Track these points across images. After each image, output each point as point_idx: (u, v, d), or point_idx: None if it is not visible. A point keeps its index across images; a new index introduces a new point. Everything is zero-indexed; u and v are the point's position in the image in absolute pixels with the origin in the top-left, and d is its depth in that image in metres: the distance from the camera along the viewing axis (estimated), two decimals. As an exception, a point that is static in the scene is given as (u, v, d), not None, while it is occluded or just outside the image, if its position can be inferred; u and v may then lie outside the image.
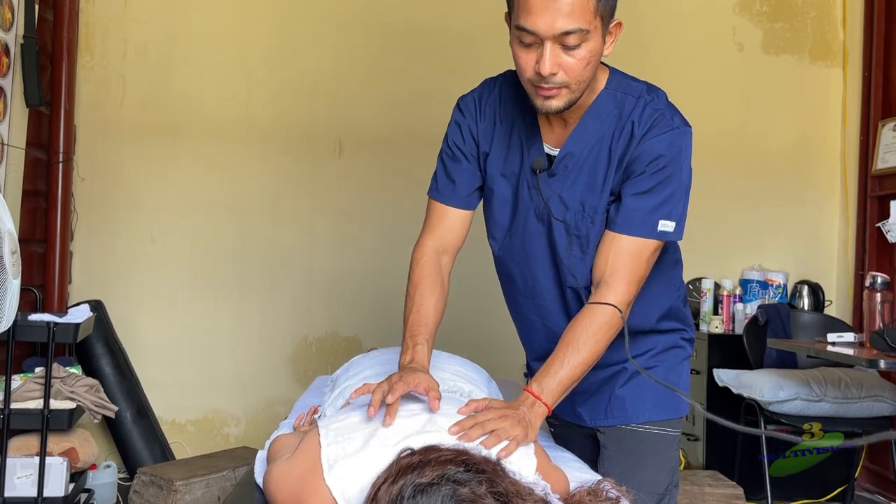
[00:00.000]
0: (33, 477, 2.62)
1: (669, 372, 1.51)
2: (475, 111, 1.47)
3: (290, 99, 3.67)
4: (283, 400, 3.57)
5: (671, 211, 1.33)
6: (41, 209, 3.36)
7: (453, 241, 1.50)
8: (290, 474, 1.14)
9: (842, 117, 3.88)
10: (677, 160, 1.33)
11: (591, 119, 1.37)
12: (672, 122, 1.34)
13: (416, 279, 1.45)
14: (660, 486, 1.48)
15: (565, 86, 1.27)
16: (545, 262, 1.45)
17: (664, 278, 1.49)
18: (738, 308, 3.58)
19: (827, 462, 3.38)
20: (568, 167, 1.39)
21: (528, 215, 1.45)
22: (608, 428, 1.51)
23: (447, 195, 1.48)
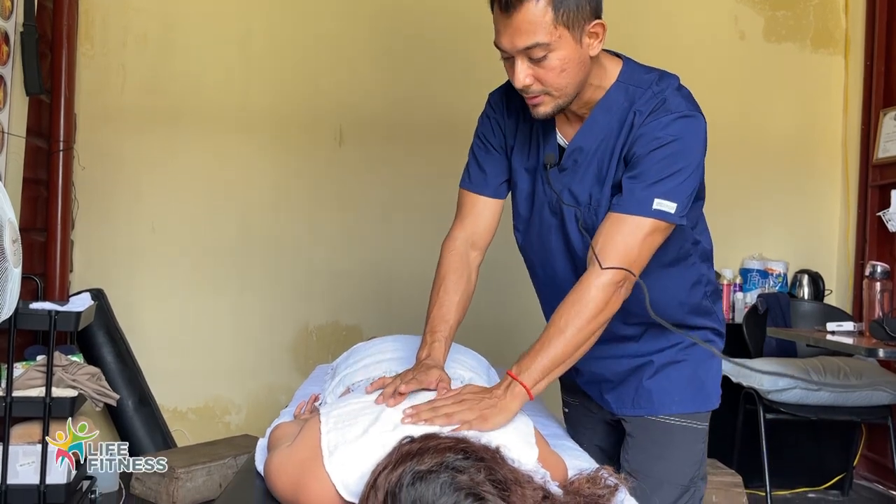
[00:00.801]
0: (35, 464, 2.63)
1: (698, 366, 1.50)
2: (502, 107, 1.50)
3: (291, 88, 3.66)
4: (285, 388, 3.58)
5: (670, 191, 1.29)
6: (42, 198, 3.36)
7: (483, 232, 1.52)
8: (291, 461, 1.15)
9: (843, 106, 3.87)
10: (676, 144, 1.30)
11: (601, 113, 1.37)
12: (675, 107, 1.32)
13: (442, 272, 1.48)
14: (684, 478, 1.49)
15: (546, 93, 1.30)
16: (561, 253, 1.47)
17: (691, 272, 1.48)
18: (738, 297, 3.58)
19: (825, 450, 3.39)
20: (577, 161, 1.40)
21: (544, 209, 1.47)
22: (634, 417, 1.52)
23: (478, 184, 1.52)
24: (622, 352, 1.49)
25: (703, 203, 1.49)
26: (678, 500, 1.47)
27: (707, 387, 1.51)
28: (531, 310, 1.77)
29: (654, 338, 1.47)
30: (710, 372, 1.52)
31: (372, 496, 0.94)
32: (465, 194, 1.54)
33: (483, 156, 1.52)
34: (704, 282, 1.52)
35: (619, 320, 1.44)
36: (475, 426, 1.13)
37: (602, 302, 1.27)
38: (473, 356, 1.61)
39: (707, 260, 1.53)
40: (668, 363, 1.49)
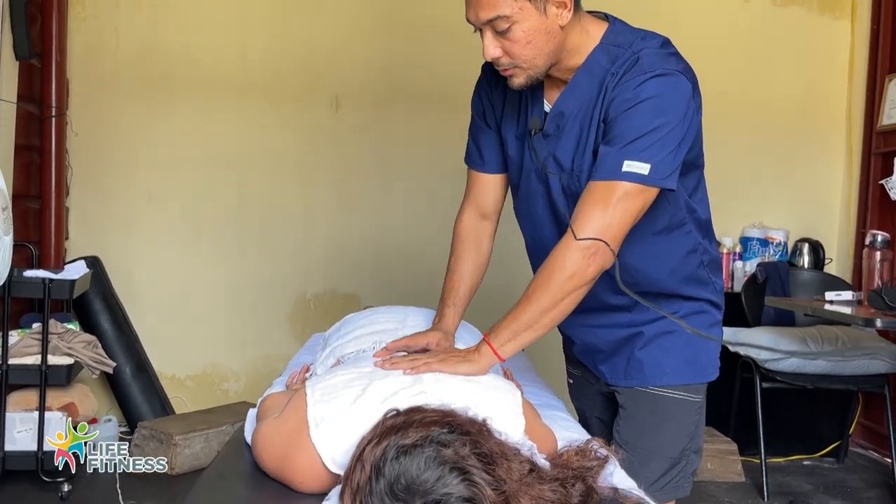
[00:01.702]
0: (33, 431, 2.65)
1: (692, 337, 1.47)
2: (491, 76, 1.49)
3: (287, 53, 3.61)
4: (282, 356, 3.58)
5: (642, 152, 1.24)
6: (35, 164, 3.33)
7: (491, 204, 1.57)
8: (278, 432, 1.14)
9: (848, 71, 3.81)
10: (649, 103, 1.25)
11: (583, 76, 1.34)
12: (650, 66, 1.27)
13: (453, 247, 1.56)
14: (674, 450, 1.47)
15: (516, 66, 1.31)
16: (548, 220, 1.45)
17: (685, 241, 1.45)
18: (737, 266, 3.57)
19: (821, 418, 3.40)
20: (559, 126, 1.37)
21: (531, 176, 1.45)
22: (626, 388, 1.50)
23: (477, 162, 1.55)
24: (613, 321, 1.47)
25: (702, 171, 1.45)
26: (668, 473, 1.46)
27: (701, 358, 1.49)
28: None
29: (647, 308, 1.45)
30: (705, 344, 1.49)
31: (358, 469, 0.93)
32: (469, 171, 1.58)
33: (477, 133, 1.54)
34: (701, 251, 1.48)
35: (608, 290, 1.43)
36: (435, 367, 1.21)
37: (571, 269, 1.25)
38: (469, 330, 1.59)
39: (704, 229, 1.49)
40: (660, 334, 1.47)
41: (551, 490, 0.97)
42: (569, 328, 1.55)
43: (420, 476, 0.88)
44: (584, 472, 1.05)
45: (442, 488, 0.88)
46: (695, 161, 1.39)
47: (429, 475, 0.88)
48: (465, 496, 0.88)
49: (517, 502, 0.92)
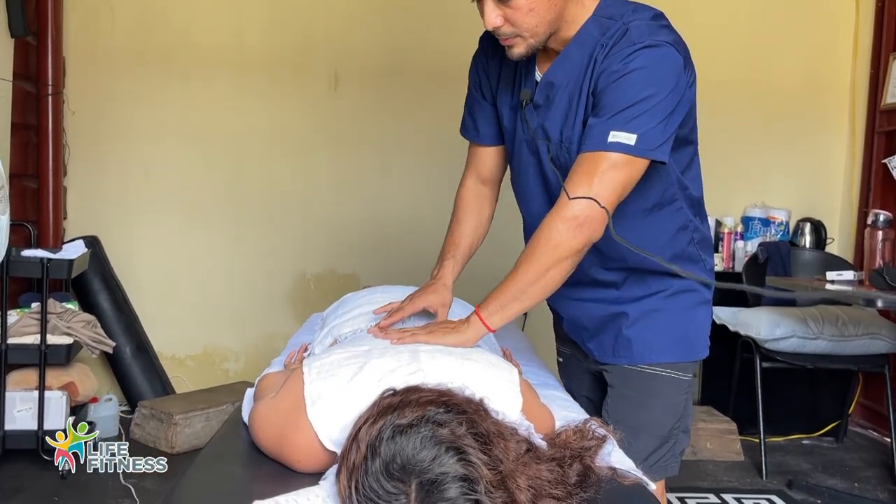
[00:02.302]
0: (33, 410, 2.65)
1: (681, 315, 1.47)
2: (488, 46, 1.48)
3: (284, 29, 3.57)
4: (282, 336, 3.58)
5: (628, 123, 1.23)
6: (32, 143, 3.31)
7: (491, 172, 1.58)
8: (275, 411, 1.14)
9: (853, 49, 3.76)
10: (636, 74, 1.23)
11: (574, 48, 1.33)
12: (639, 37, 1.25)
13: (454, 209, 1.57)
14: (663, 429, 1.47)
15: (517, 35, 1.29)
16: (539, 191, 1.44)
17: (676, 218, 1.43)
18: (738, 246, 3.55)
19: (821, 398, 3.41)
20: (549, 97, 1.36)
21: (523, 147, 1.44)
22: (615, 367, 1.50)
23: (472, 134, 1.56)
24: (600, 296, 1.46)
25: (696, 147, 1.43)
26: (656, 451, 1.45)
27: (691, 337, 1.48)
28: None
29: (636, 285, 1.45)
30: (695, 322, 1.49)
31: (353, 449, 0.93)
32: (468, 143, 1.58)
33: (473, 105, 1.54)
34: (692, 228, 1.46)
35: (596, 264, 1.43)
36: (421, 339, 1.23)
37: (556, 239, 1.24)
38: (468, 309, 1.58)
39: (695, 207, 1.47)
40: (648, 311, 1.46)
41: (548, 470, 0.97)
42: (556, 300, 1.55)
43: (416, 456, 0.87)
44: (582, 452, 1.05)
45: (438, 468, 0.87)
46: (688, 137, 1.37)
47: (425, 455, 0.87)
48: (462, 476, 0.87)
49: (514, 482, 0.91)
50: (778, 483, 2.88)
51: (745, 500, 2.70)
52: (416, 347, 1.18)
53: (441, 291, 1.43)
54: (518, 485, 0.92)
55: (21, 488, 2.53)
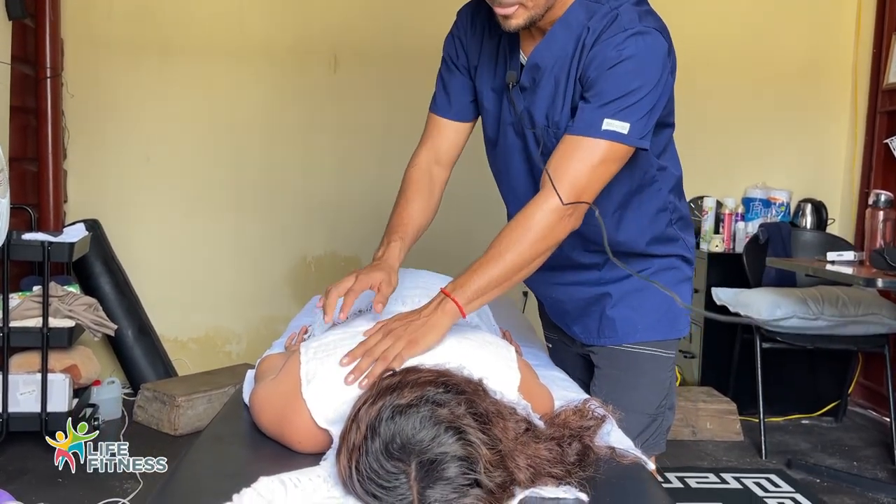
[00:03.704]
0: (36, 393, 2.67)
1: (664, 294, 1.48)
2: (467, 23, 1.45)
3: (284, 12, 3.55)
4: (284, 318, 3.59)
5: (621, 111, 1.22)
6: (31, 127, 3.30)
7: (447, 152, 1.50)
8: (275, 393, 1.14)
9: (855, 29, 3.74)
10: (629, 61, 1.23)
11: (560, 30, 1.31)
12: (628, 23, 1.24)
13: (403, 185, 1.48)
14: (650, 407, 1.48)
15: (520, 4, 1.23)
16: (524, 175, 1.43)
17: (655, 200, 1.44)
18: (739, 227, 3.55)
19: (821, 378, 3.42)
20: (535, 80, 1.34)
21: (508, 130, 1.42)
22: (600, 347, 1.51)
23: (442, 107, 1.49)
24: (582, 279, 1.45)
25: (673, 130, 1.43)
26: (646, 430, 1.47)
27: (672, 314, 1.49)
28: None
29: (615, 266, 1.44)
30: (680, 299, 1.49)
31: (353, 429, 0.93)
32: (430, 117, 1.51)
33: (447, 77, 1.48)
34: (671, 209, 1.47)
35: (578, 248, 1.43)
36: (407, 355, 1.09)
37: (546, 228, 1.22)
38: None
39: (675, 188, 1.48)
40: (631, 291, 1.47)
41: (547, 449, 0.98)
42: (537, 286, 1.54)
43: (415, 436, 0.88)
44: (581, 432, 1.06)
45: (437, 448, 0.88)
46: (665, 120, 1.37)
47: (424, 434, 0.88)
48: (461, 455, 0.88)
49: (513, 461, 0.92)
50: (777, 462, 2.89)
51: (744, 479, 2.72)
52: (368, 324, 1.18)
53: (386, 271, 1.30)
54: (517, 464, 0.93)
55: (25, 470, 2.55)
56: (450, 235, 3.55)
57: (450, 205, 1.68)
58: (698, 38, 3.61)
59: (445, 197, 1.54)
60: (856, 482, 2.69)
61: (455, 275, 1.47)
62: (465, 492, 0.87)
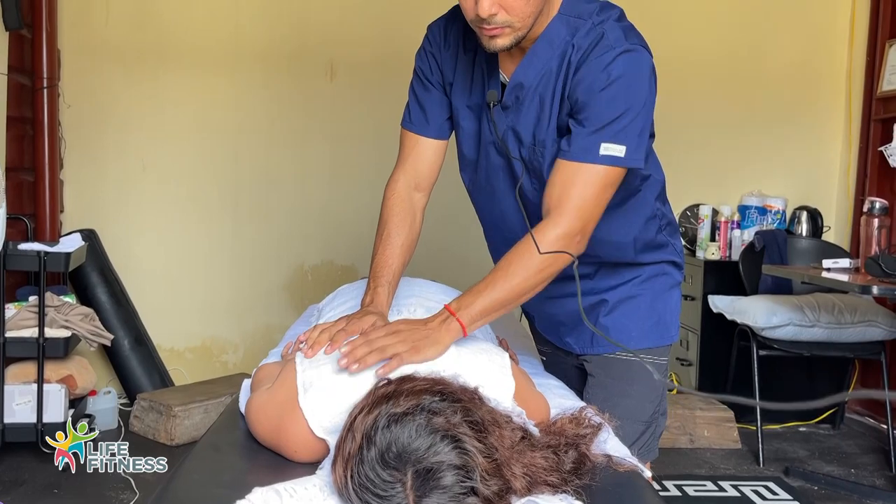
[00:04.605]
0: (32, 403, 2.66)
1: (656, 299, 1.49)
2: (440, 39, 1.43)
3: (280, 20, 3.56)
4: (281, 327, 3.59)
5: (617, 134, 1.24)
6: (28, 137, 3.30)
7: (427, 174, 1.46)
8: (271, 402, 1.14)
9: (849, 37, 3.76)
10: (620, 82, 1.23)
11: (542, 47, 1.30)
12: (614, 42, 1.24)
13: (385, 216, 1.43)
14: (645, 414, 1.48)
15: (508, 25, 1.22)
16: (509, 194, 1.41)
17: (643, 209, 1.45)
18: (735, 234, 3.56)
19: (818, 385, 3.42)
20: (519, 98, 1.33)
21: (490, 149, 1.41)
22: (594, 356, 1.51)
23: (419, 124, 1.46)
24: (574, 290, 1.42)
25: (654, 140, 1.44)
26: (641, 437, 1.47)
27: (665, 320, 1.50)
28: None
29: (608, 275, 1.46)
30: (668, 305, 1.51)
31: (349, 438, 0.93)
32: (405, 135, 1.47)
33: (422, 93, 1.45)
34: (659, 216, 1.49)
35: None
36: (407, 359, 1.09)
37: (556, 254, 1.24)
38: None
39: (660, 194, 1.49)
40: (623, 299, 1.48)
41: (543, 457, 0.98)
42: (530, 303, 1.53)
43: (411, 444, 0.88)
44: (578, 440, 1.06)
45: (433, 456, 0.88)
46: (651, 131, 1.38)
47: (420, 443, 0.88)
48: (457, 464, 0.88)
49: (509, 470, 0.92)
50: (775, 470, 2.89)
51: (742, 487, 2.71)
52: None
53: (377, 314, 1.26)
54: (513, 472, 0.93)
55: (20, 481, 2.54)
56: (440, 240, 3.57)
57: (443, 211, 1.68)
58: (693, 47, 3.63)
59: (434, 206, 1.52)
60: (853, 489, 2.69)
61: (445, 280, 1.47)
62: (462, 500, 0.87)
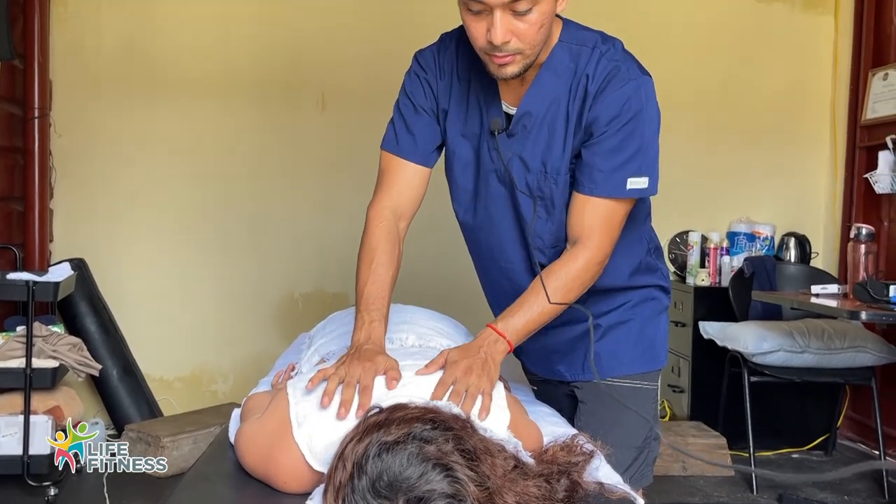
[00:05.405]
0: (18, 435, 2.62)
1: (646, 325, 1.50)
2: (434, 67, 1.42)
3: (272, 51, 3.59)
4: (271, 356, 3.55)
5: (640, 167, 1.30)
6: (18, 166, 3.30)
7: (411, 202, 1.43)
8: (262, 432, 1.13)
9: (832, 66, 3.83)
10: (640, 114, 1.28)
11: (547, 75, 1.32)
12: (629, 73, 1.28)
13: (372, 244, 1.38)
14: (637, 440, 1.48)
15: (519, 52, 1.23)
16: (510, 224, 1.42)
17: (634, 234, 1.47)
18: (724, 261, 3.58)
19: (810, 412, 3.42)
20: (526, 126, 1.35)
21: (490, 178, 1.41)
22: (585, 383, 1.51)
23: (407, 149, 1.42)
24: (568, 317, 1.45)
25: None
26: (633, 463, 1.46)
27: (655, 346, 1.52)
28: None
29: (599, 300, 1.47)
30: (657, 330, 1.52)
31: (340, 467, 0.93)
32: (390, 158, 1.42)
33: (412, 118, 1.41)
34: (646, 239, 1.51)
35: None
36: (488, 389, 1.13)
37: (589, 279, 1.33)
38: (453, 324, 1.58)
39: (647, 217, 1.52)
40: (614, 325, 1.49)
41: (536, 486, 0.97)
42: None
43: (403, 473, 0.87)
44: (570, 468, 1.05)
45: (425, 485, 0.87)
46: None
47: (412, 472, 0.87)
48: (449, 493, 0.87)
49: (501, 499, 0.91)
50: (768, 497, 2.87)
51: (735, 515, 2.69)
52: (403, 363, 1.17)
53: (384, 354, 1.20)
54: (505, 501, 0.92)
55: (6, 514, 2.50)
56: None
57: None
58: (683, 76, 3.68)
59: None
60: (847, 516, 2.68)
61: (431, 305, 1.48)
62: (454, 529, 0.87)
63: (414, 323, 1.43)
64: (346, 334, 1.44)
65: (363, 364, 1.13)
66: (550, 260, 1.37)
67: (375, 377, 1.11)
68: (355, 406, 1.06)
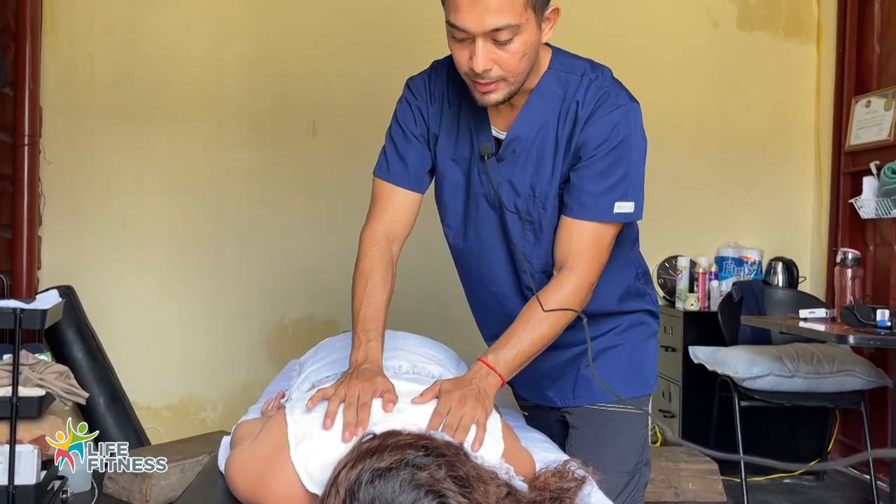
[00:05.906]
0: (3, 465, 2.58)
1: (635, 350, 1.51)
2: (425, 93, 1.45)
3: (263, 79, 3.61)
4: (261, 384, 3.53)
5: (627, 191, 1.31)
6: (7, 193, 3.29)
7: (403, 228, 1.46)
8: (254, 458, 1.12)
9: (816, 94, 3.89)
10: (627, 139, 1.30)
11: (536, 101, 1.35)
12: (618, 99, 1.31)
13: (367, 268, 1.40)
14: (629, 465, 1.48)
15: (502, 79, 1.25)
16: (499, 248, 1.44)
17: (622, 259, 1.48)
18: (713, 285, 3.60)
19: (800, 436, 3.42)
20: (516, 151, 1.37)
21: (480, 202, 1.43)
22: (576, 408, 1.51)
23: (398, 175, 1.45)
24: (557, 342, 1.45)
25: None
26: (625, 489, 1.46)
27: (645, 371, 1.52)
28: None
29: (590, 326, 1.47)
30: (647, 355, 1.53)
31: (332, 494, 0.92)
32: (382, 184, 1.46)
33: (403, 145, 1.44)
34: (635, 264, 1.53)
35: None
36: (482, 420, 1.13)
37: (577, 305, 1.33)
38: (443, 350, 1.58)
39: (635, 242, 1.53)
40: (604, 349, 1.49)
41: (528, 512, 0.97)
42: None
43: (395, 500, 0.87)
44: (562, 494, 1.05)
45: (417, 512, 0.87)
46: None
47: (404, 499, 0.87)
48: (442, 520, 0.87)
49: (494, 525, 0.91)
50: (760, 523, 2.87)
51: (728, 541, 2.68)
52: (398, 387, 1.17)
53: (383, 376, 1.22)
54: (498, 527, 0.92)
55: (-11, 547, 2.45)
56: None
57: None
58: (668, 104, 3.72)
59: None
60: (839, 542, 2.67)
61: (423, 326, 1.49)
62: (447, 557, 0.86)
63: (406, 349, 1.43)
64: (338, 361, 1.44)
65: (362, 384, 1.14)
66: (540, 284, 1.38)
67: (374, 398, 1.12)
68: None
